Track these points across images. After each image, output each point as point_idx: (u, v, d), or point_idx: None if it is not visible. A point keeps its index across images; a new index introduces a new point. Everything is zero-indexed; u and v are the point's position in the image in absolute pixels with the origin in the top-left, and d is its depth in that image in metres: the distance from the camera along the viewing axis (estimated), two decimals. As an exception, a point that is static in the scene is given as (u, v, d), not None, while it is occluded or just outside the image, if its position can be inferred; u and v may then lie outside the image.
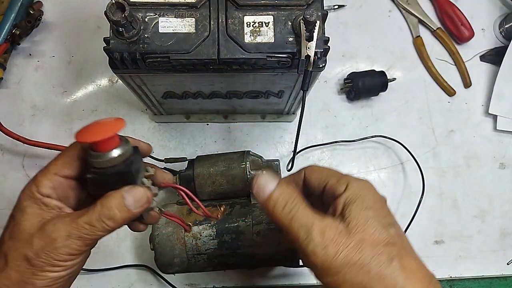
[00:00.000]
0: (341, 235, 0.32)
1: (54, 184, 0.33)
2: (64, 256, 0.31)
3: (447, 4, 0.69)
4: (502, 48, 0.68)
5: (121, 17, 0.36)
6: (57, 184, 0.33)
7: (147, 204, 0.34)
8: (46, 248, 0.31)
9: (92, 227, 0.31)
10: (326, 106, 0.67)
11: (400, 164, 0.65)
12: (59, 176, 0.33)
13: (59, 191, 0.33)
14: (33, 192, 0.33)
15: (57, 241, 0.31)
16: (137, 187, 0.33)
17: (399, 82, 0.66)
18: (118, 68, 0.42)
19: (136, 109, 0.64)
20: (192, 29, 0.39)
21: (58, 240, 0.31)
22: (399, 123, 0.67)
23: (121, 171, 0.32)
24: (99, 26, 0.67)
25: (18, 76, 0.65)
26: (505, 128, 0.67)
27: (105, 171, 0.32)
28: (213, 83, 0.49)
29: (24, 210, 0.32)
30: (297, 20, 0.39)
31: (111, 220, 0.32)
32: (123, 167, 0.32)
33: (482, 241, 0.64)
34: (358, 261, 0.31)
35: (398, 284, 0.31)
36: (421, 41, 0.69)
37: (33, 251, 0.31)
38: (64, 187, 0.34)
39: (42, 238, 0.31)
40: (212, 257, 0.51)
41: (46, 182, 0.33)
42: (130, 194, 0.32)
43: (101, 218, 0.32)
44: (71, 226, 0.31)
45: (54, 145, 0.59)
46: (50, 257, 0.31)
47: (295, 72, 0.41)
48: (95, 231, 0.32)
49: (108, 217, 0.32)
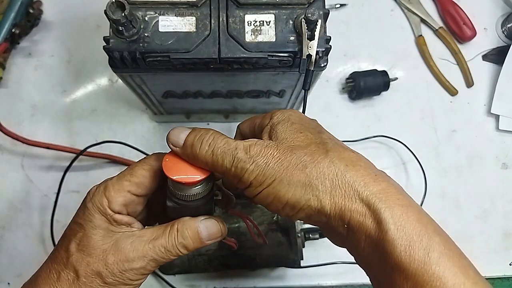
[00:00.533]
0: (269, 148, 0.30)
1: (127, 201, 0.32)
2: (137, 275, 0.32)
3: (449, 3, 0.69)
4: (505, 47, 0.68)
5: (121, 16, 0.35)
6: (129, 202, 0.33)
7: (220, 238, 0.34)
8: (121, 267, 0.31)
9: (167, 251, 0.32)
10: (327, 106, 0.66)
11: (402, 164, 0.65)
12: (132, 194, 0.33)
13: (130, 207, 0.33)
14: (105, 208, 0.32)
15: (135, 262, 0.31)
16: (212, 220, 0.34)
17: (401, 81, 0.66)
18: (118, 67, 0.41)
19: (136, 108, 0.64)
20: (193, 28, 0.39)
21: (136, 261, 0.31)
22: (401, 123, 0.66)
23: (201, 205, 0.33)
24: (99, 25, 0.66)
25: (17, 75, 0.64)
26: (508, 128, 0.66)
27: (187, 203, 0.32)
28: (214, 83, 0.48)
29: (95, 223, 0.32)
30: (299, 19, 0.38)
31: (184, 248, 0.32)
32: (204, 201, 0.33)
33: (485, 242, 0.63)
34: (292, 161, 0.29)
35: (338, 173, 0.28)
36: (423, 41, 0.68)
37: (108, 268, 0.30)
38: (135, 204, 0.33)
39: (118, 256, 0.31)
40: (213, 258, 0.51)
41: (119, 199, 0.32)
42: (205, 226, 0.33)
43: (177, 245, 0.32)
44: (147, 247, 0.31)
45: (53, 145, 0.58)
46: (126, 276, 0.31)
47: (297, 72, 0.40)
48: (169, 255, 0.32)
49: (182, 245, 0.32)
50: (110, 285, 0.31)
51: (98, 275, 0.30)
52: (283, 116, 0.32)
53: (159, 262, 0.32)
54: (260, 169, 0.29)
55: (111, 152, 0.61)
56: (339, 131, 0.65)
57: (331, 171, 0.28)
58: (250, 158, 0.29)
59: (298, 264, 0.52)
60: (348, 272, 0.60)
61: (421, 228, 0.27)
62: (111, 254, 0.31)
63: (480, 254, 0.63)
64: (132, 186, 0.32)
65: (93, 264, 0.30)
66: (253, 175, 0.29)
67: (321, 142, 0.30)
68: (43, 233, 0.59)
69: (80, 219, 0.32)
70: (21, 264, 0.58)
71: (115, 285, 0.31)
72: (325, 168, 0.28)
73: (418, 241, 0.26)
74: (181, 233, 0.32)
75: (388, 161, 0.65)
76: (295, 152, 0.29)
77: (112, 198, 0.32)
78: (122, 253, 0.31)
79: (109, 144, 0.59)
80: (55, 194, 0.59)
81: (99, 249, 0.31)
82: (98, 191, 0.32)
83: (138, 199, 0.33)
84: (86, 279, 0.30)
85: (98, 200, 0.32)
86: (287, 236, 0.50)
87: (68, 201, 0.59)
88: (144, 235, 0.32)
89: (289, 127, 0.31)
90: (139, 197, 0.33)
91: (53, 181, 0.60)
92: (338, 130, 0.65)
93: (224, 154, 0.30)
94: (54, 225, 0.58)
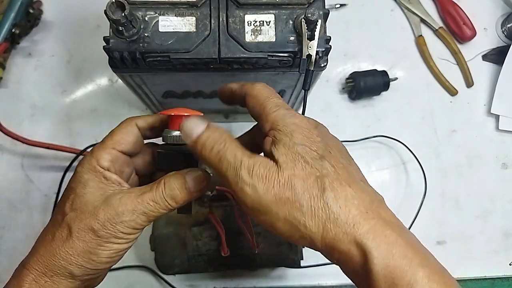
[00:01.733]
0: (270, 172, 0.30)
1: (112, 158, 0.35)
2: (129, 229, 0.33)
3: (449, 3, 0.69)
4: (505, 47, 0.68)
5: (121, 16, 0.35)
6: (114, 158, 0.35)
7: (206, 188, 0.35)
8: (112, 220, 0.32)
9: (156, 204, 0.33)
10: (327, 106, 0.66)
11: (402, 164, 0.65)
12: (116, 150, 0.35)
13: (116, 165, 0.35)
14: (94, 166, 0.34)
15: (124, 215, 0.32)
16: (197, 170, 0.35)
17: (401, 81, 0.66)
18: (118, 67, 0.41)
19: (136, 108, 0.64)
20: (193, 28, 0.39)
21: (125, 214, 0.32)
22: (401, 123, 0.66)
23: (188, 152, 0.34)
24: (99, 25, 0.66)
25: (17, 75, 0.64)
26: (507, 128, 0.66)
27: (175, 148, 0.35)
28: (214, 83, 0.48)
29: (86, 183, 0.33)
30: (299, 19, 0.38)
31: (173, 199, 0.33)
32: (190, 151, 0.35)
33: (485, 242, 0.63)
34: (290, 197, 0.29)
35: (331, 215, 0.29)
36: (423, 41, 0.68)
37: (99, 222, 0.32)
38: (120, 162, 0.36)
39: (108, 211, 0.32)
40: (213, 258, 0.51)
41: (105, 156, 0.34)
42: (191, 176, 0.34)
43: (164, 196, 0.33)
44: (136, 201, 0.33)
45: (53, 145, 0.58)
46: (116, 229, 0.32)
47: (297, 72, 0.40)
48: (158, 208, 0.33)
49: (170, 196, 0.33)
50: (103, 238, 0.32)
51: (90, 229, 0.32)
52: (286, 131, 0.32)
53: (149, 216, 0.33)
54: (258, 196, 0.30)
55: (111, 152, 0.61)
56: (339, 131, 0.65)
57: (325, 213, 0.29)
58: (251, 180, 0.30)
59: (298, 264, 0.52)
60: (348, 272, 0.60)
61: (406, 263, 0.28)
62: (102, 209, 0.32)
63: (480, 254, 0.63)
64: (115, 143, 0.35)
65: (85, 219, 0.32)
66: (250, 200, 0.30)
67: (321, 175, 0.30)
68: (43, 233, 0.59)
69: (72, 183, 0.34)
70: (21, 264, 0.58)
71: (107, 238, 0.32)
72: (320, 211, 0.29)
73: (401, 278, 0.27)
74: (168, 185, 0.33)
75: (388, 161, 0.65)
76: (294, 186, 0.29)
77: (99, 156, 0.34)
78: (111, 207, 0.32)
79: (109, 144, 0.59)
80: (55, 194, 0.59)
81: (91, 206, 0.33)
82: (86, 156, 0.35)
83: (123, 157, 0.36)
84: (79, 234, 0.32)
85: (87, 161, 0.34)
86: (287, 236, 0.50)
87: (68, 201, 0.59)
88: (132, 191, 0.34)
89: (291, 149, 0.31)
90: (123, 155, 0.36)
91: (53, 181, 0.60)
92: (338, 130, 0.65)
93: (228, 166, 0.31)
94: (54, 225, 0.58)
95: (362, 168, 0.66)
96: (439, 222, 0.64)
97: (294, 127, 0.32)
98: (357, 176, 0.34)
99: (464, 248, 0.63)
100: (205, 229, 0.50)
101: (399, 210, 0.63)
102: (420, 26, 0.69)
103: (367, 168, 0.65)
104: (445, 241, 0.63)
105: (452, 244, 0.63)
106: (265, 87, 0.35)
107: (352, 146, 0.64)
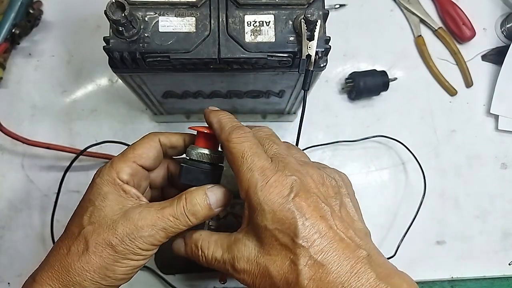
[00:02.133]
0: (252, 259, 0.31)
1: (133, 171, 0.34)
2: (147, 245, 0.32)
3: (449, 4, 0.69)
4: (504, 47, 0.68)
5: (121, 16, 0.35)
6: (134, 172, 0.34)
7: (227, 204, 0.35)
8: (131, 236, 0.31)
9: (176, 219, 0.32)
10: (327, 106, 0.66)
11: (402, 164, 0.65)
12: (137, 164, 0.35)
13: (135, 179, 0.35)
14: (114, 178, 0.33)
15: (144, 230, 0.31)
16: (219, 187, 0.35)
17: (400, 81, 0.66)
18: (118, 67, 0.41)
19: (136, 108, 0.64)
20: (193, 29, 0.39)
21: (144, 229, 0.31)
22: (401, 123, 0.66)
23: (212, 170, 0.37)
24: (99, 25, 0.66)
25: (17, 75, 0.64)
26: (507, 128, 0.66)
27: (200, 165, 0.36)
28: (214, 83, 0.49)
29: (105, 195, 0.33)
30: (298, 20, 0.39)
31: (193, 216, 0.33)
32: (216, 168, 0.37)
33: (484, 242, 0.63)
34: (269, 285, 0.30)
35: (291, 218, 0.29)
36: (422, 41, 0.68)
37: (118, 237, 0.31)
38: (140, 176, 0.35)
39: (127, 225, 0.31)
40: (213, 258, 0.51)
41: (126, 169, 0.34)
42: (213, 193, 0.34)
43: (186, 212, 0.32)
44: (156, 216, 0.32)
45: (53, 145, 0.58)
46: (135, 245, 0.31)
47: (296, 72, 0.40)
48: (178, 224, 0.32)
49: (191, 212, 0.33)
50: (120, 254, 0.31)
51: (108, 244, 0.31)
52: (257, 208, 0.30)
53: (168, 231, 0.32)
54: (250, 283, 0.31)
55: (111, 152, 0.61)
56: (339, 131, 0.65)
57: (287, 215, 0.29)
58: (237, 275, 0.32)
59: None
60: (348, 272, 0.60)
61: None
62: (121, 224, 0.31)
63: (479, 254, 0.63)
64: (136, 157, 0.35)
65: (103, 233, 0.31)
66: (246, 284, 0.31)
67: (295, 259, 0.29)
68: (43, 233, 0.59)
69: (90, 195, 0.33)
70: (21, 264, 0.58)
71: (124, 254, 0.31)
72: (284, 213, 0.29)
73: None
74: (190, 200, 0.33)
75: (387, 161, 0.65)
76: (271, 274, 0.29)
77: (120, 168, 0.33)
78: (131, 222, 0.31)
79: (109, 144, 0.59)
80: (55, 194, 0.59)
81: (110, 220, 0.32)
82: (105, 167, 0.34)
83: (143, 172, 0.35)
84: (96, 249, 0.31)
85: (106, 173, 0.33)
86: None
87: (68, 201, 0.59)
88: (152, 206, 0.33)
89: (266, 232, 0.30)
90: (143, 169, 0.35)
91: (53, 181, 0.60)
92: (338, 130, 0.65)
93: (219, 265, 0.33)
94: (54, 225, 0.58)
95: (362, 168, 0.67)
96: (439, 222, 0.64)
97: (264, 205, 0.30)
98: None
99: (464, 248, 0.63)
100: (205, 229, 0.50)
101: (398, 210, 0.63)
102: (420, 26, 0.69)
103: (367, 168, 0.65)
104: (444, 241, 0.63)
105: (452, 244, 0.63)
106: (244, 137, 0.33)
107: (351, 146, 0.64)
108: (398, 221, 0.63)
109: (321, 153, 0.65)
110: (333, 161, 0.64)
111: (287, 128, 0.65)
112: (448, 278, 0.62)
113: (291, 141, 0.64)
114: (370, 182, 0.65)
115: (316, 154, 0.65)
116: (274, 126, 0.65)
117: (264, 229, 0.30)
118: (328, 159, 0.64)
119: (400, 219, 0.63)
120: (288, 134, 0.65)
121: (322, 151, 0.65)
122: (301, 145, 0.63)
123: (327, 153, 0.65)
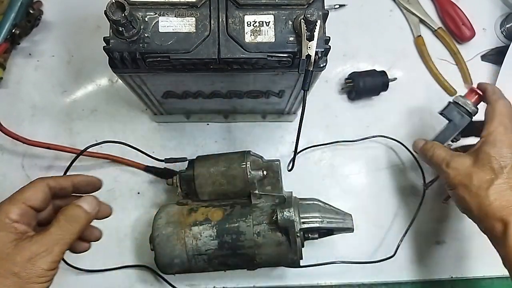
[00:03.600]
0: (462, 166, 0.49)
1: (22, 211, 0.38)
2: (49, 263, 0.36)
3: (448, 4, 0.69)
4: (503, 47, 0.68)
5: (121, 17, 0.35)
6: (24, 212, 0.38)
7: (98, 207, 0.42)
8: (31, 260, 0.35)
9: (63, 232, 0.38)
10: (327, 106, 0.66)
11: (401, 164, 0.65)
12: (26, 205, 0.38)
13: (25, 218, 0.38)
14: (3, 219, 0.37)
15: (40, 252, 0.36)
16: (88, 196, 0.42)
17: (400, 81, 0.66)
18: (118, 67, 0.42)
19: (136, 109, 0.64)
20: (193, 29, 0.39)
21: (41, 250, 0.36)
22: (400, 123, 0.66)
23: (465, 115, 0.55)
24: (99, 25, 0.66)
25: (17, 76, 0.64)
26: (507, 128, 0.66)
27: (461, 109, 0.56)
28: (214, 83, 0.49)
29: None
30: (298, 20, 0.39)
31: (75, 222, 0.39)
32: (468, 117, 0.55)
33: (484, 241, 0.63)
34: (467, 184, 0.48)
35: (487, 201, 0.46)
36: (422, 41, 0.69)
37: (18, 265, 0.35)
38: (29, 215, 0.39)
39: (23, 253, 0.35)
40: (213, 258, 0.51)
41: (15, 209, 0.38)
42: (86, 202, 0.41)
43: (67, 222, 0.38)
44: (46, 238, 0.37)
45: (53, 145, 0.58)
46: (38, 266, 0.35)
47: (296, 72, 0.41)
48: (65, 235, 0.38)
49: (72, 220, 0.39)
50: (24, 279, 0.35)
51: (11, 273, 0.35)
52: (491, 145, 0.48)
53: (61, 245, 0.37)
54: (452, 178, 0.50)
55: (111, 152, 0.61)
56: (338, 131, 0.65)
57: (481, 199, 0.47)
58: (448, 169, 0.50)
59: (298, 263, 0.52)
60: (347, 271, 0.60)
61: None
62: (16, 254, 0.35)
63: (480, 254, 0.63)
64: (25, 198, 0.39)
65: (4, 265, 0.35)
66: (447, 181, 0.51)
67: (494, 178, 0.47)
68: (43, 233, 0.59)
69: None
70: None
71: (29, 278, 0.35)
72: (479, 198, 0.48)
73: None
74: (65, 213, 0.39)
75: (387, 161, 0.65)
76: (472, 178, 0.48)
77: (8, 209, 0.37)
78: (26, 249, 0.36)
79: (109, 144, 0.59)
80: (55, 194, 0.59)
81: (4, 254, 0.35)
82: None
83: (32, 211, 0.39)
84: (2, 278, 0.34)
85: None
86: (287, 236, 0.50)
87: (68, 201, 0.59)
88: (39, 232, 0.38)
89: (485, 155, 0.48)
90: (31, 210, 0.39)
91: (53, 181, 0.60)
92: (337, 130, 0.65)
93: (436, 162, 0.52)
94: (54, 225, 0.58)
95: (361, 168, 0.66)
96: (438, 222, 0.64)
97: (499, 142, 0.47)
98: None
99: (463, 248, 0.63)
100: (205, 228, 0.50)
101: (398, 210, 0.63)
102: (419, 27, 0.70)
103: (366, 168, 0.65)
104: (444, 241, 0.63)
105: (451, 244, 0.63)
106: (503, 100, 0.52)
107: (351, 146, 0.65)
108: (398, 221, 0.63)
109: (321, 153, 0.65)
110: (333, 161, 0.64)
111: (287, 128, 0.65)
112: (448, 278, 0.62)
113: (290, 141, 0.65)
114: (370, 182, 0.65)
115: (316, 154, 0.65)
116: (274, 126, 0.65)
117: (487, 154, 0.47)
118: (328, 159, 0.64)
119: (400, 219, 0.63)
120: (287, 134, 0.65)
121: (322, 151, 0.65)
122: (301, 145, 0.63)
123: (327, 153, 0.65)
